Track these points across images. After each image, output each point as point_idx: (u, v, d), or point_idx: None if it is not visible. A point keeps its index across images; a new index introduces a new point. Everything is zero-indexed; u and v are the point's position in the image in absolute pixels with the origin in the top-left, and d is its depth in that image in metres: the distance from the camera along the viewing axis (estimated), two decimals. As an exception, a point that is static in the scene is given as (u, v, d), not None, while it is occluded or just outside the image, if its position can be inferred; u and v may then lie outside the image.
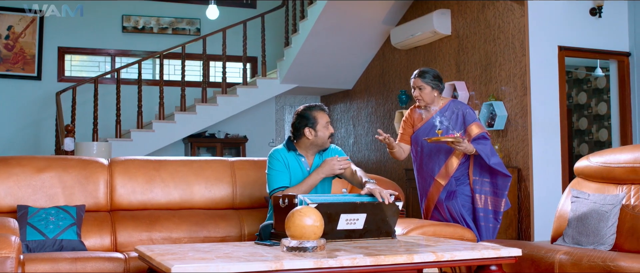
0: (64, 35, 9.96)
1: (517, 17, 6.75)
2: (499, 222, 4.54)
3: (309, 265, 2.64)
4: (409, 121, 4.72)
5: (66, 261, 3.35)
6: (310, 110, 3.81)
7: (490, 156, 4.41)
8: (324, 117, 3.81)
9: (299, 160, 3.85)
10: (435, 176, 4.55)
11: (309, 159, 3.87)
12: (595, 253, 3.39)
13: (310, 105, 3.84)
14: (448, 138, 4.26)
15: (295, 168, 3.82)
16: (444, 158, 4.54)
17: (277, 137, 10.94)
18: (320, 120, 3.79)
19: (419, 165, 4.69)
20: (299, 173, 3.81)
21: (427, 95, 4.52)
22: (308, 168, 3.84)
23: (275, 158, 3.82)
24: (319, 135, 3.79)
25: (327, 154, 3.90)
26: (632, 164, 3.80)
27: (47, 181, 3.94)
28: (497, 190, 4.51)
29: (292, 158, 3.84)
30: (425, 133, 4.58)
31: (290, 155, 3.85)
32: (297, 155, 3.86)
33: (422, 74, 4.54)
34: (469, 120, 4.50)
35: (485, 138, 4.46)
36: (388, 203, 3.32)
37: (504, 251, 2.93)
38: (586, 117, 10.79)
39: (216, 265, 2.54)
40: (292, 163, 3.83)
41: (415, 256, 2.79)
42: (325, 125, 3.80)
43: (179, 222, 4.06)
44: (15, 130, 9.59)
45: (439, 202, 4.55)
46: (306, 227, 2.89)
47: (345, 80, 10.01)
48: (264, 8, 10.51)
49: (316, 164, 3.85)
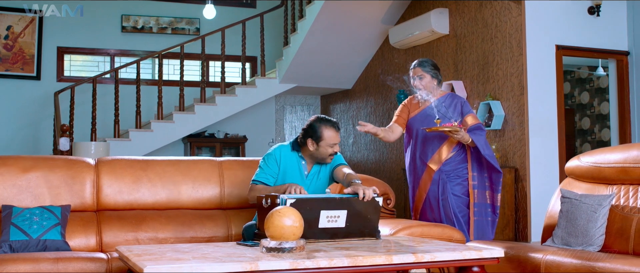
0: (63, 35, 9.96)
1: (514, 16, 6.70)
2: (497, 216, 4.57)
3: (285, 266, 2.61)
4: (406, 106, 4.80)
5: (48, 261, 3.32)
6: (322, 124, 3.76)
7: (485, 147, 4.47)
8: (332, 137, 3.75)
9: (300, 162, 3.85)
10: (428, 162, 4.59)
11: (309, 164, 3.87)
12: (582, 254, 3.35)
13: (325, 119, 3.79)
14: (446, 128, 4.32)
15: (293, 168, 3.82)
16: (437, 144, 4.60)
17: (276, 137, 10.91)
18: (327, 138, 3.74)
19: (413, 152, 4.74)
20: (297, 173, 3.82)
21: (428, 83, 4.62)
22: (306, 172, 3.85)
23: (273, 156, 3.83)
24: (320, 151, 3.77)
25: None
26: (622, 164, 3.75)
27: (33, 181, 3.92)
28: (493, 185, 4.57)
29: (294, 158, 3.85)
30: (422, 120, 4.65)
31: (293, 155, 3.85)
32: (300, 156, 3.86)
33: (421, 63, 4.65)
34: (466, 111, 4.59)
35: (481, 129, 4.54)
36: (367, 199, 3.30)
37: (486, 252, 2.89)
38: (589, 117, 10.71)
39: (190, 265, 2.52)
40: (292, 163, 3.83)
41: (394, 257, 2.75)
42: (331, 144, 3.75)
43: (166, 222, 4.03)
44: (15, 130, 9.59)
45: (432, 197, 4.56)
46: (285, 228, 2.85)
47: (345, 80, 9.97)
48: (263, 8, 10.49)
49: (314, 172, 3.86)
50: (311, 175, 3.85)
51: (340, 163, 3.88)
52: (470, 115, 4.57)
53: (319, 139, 3.75)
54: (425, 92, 4.67)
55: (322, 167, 3.88)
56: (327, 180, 3.90)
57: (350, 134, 10.18)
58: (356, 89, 10.00)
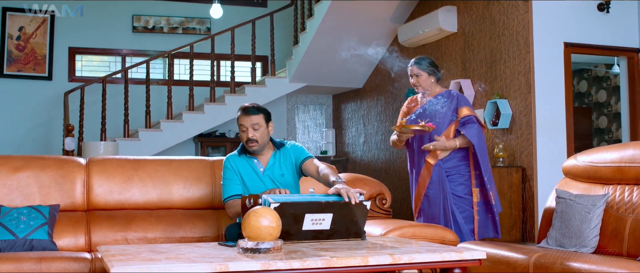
0: (75, 36, 10.02)
1: (521, 13, 6.59)
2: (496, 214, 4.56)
3: (256, 267, 2.56)
4: (407, 106, 4.83)
5: (31, 261, 3.31)
6: (238, 112, 3.70)
7: (475, 138, 4.44)
8: (241, 120, 3.66)
9: (251, 162, 3.73)
10: (426, 157, 4.59)
11: (262, 159, 3.75)
12: (573, 256, 3.25)
13: (242, 106, 3.71)
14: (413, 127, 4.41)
15: (248, 172, 3.71)
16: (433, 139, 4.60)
17: (288, 136, 10.87)
18: (240, 124, 3.67)
19: (411, 150, 4.76)
20: (254, 175, 3.71)
21: (424, 82, 4.62)
22: (262, 168, 3.72)
23: (226, 166, 3.74)
24: (242, 138, 3.69)
25: (284, 152, 3.76)
26: (617, 163, 3.64)
27: (23, 181, 3.92)
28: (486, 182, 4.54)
29: (244, 162, 3.73)
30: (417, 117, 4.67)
31: (242, 159, 3.74)
32: (248, 158, 3.74)
33: (418, 61, 4.65)
34: (461, 103, 4.58)
35: (472, 121, 4.50)
36: (355, 203, 3.20)
37: (467, 253, 2.81)
38: (606, 116, 10.53)
39: (157, 266, 2.48)
40: (245, 167, 3.72)
41: (370, 258, 2.68)
42: (244, 129, 3.64)
43: (156, 222, 4.01)
44: (27, 131, 9.67)
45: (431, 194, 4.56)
46: (261, 228, 2.81)
47: (355, 79, 9.91)
48: (274, 7, 10.46)
49: (271, 163, 3.73)
50: (268, 169, 3.71)
51: (306, 156, 3.73)
52: (465, 107, 4.55)
53: (239, 128, 3.68)
54: (422, 90, 4.63)
55: (282, 160, 3.73)
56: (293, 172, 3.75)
57: (361, 133, 10.11)
58: (367, 87, 9.93)
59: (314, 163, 3.69)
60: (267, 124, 3.70)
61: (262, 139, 3.67)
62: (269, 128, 3.72)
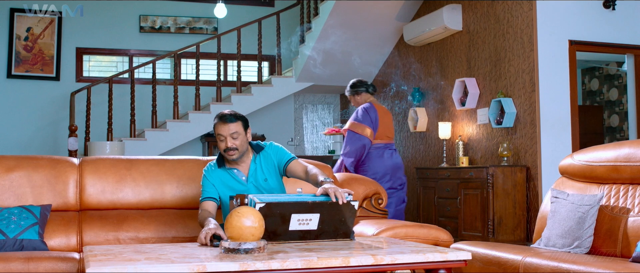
0: (82, 36, 10.06)
1: (526, 11, 6.51)
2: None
3: (234, 267, 2.53)
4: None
5: (19, 260, 3.30)
6: (214, 120, 3.56)
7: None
8: (219, 129, 3.51)
9: (231, 173, 3.61)
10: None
11: (243, 167, 3.63)
12: (564, 257, 3.19)
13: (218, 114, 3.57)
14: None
15: (231, 183, 3.60)
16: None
17: (296, 136, 10.85)
18: (217, 133, 3.53)
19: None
20: (238, 185, 3.59)
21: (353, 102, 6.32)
22: (244, 177, 3.60)
23: (204, 176, 3.63)
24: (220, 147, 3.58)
25: (264, 155, 3.65)
26: (613, 163, 3.58)
27: (15, 181, 3.91)
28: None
29: (224, 173, 3.62)
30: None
31: (222, 172, 3.62)
32: (228, 169, 3.62)
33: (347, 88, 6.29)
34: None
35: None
36: (343, 203, 3.15)
37: (452, 254, 2.76)
38: (617, 114, 10.40)
39: (135, 266, 2.46)
40: (226, 178, 3.61)
41: (351, 259, 2.65)
42: (222, 138, 3.51)
43: (148, 222, 3.99)
44: (34, 131, 9.72)
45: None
46: (244, 228, 2.78)
47: (362, 78, 9.83)
48: (281, 6, 10.44)
49: (253, 169, 3.61)
50: (251, 176, 3.61)
51: (290, 158, 3.63)
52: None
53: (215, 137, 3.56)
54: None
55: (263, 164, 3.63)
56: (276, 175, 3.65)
57: (369, 133, 10.05)
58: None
59: (300, 163, 3.59)
60: (245, 131, 3.57)
61: (242, 147, 3.55)
62: (247, 135, 3.59)
